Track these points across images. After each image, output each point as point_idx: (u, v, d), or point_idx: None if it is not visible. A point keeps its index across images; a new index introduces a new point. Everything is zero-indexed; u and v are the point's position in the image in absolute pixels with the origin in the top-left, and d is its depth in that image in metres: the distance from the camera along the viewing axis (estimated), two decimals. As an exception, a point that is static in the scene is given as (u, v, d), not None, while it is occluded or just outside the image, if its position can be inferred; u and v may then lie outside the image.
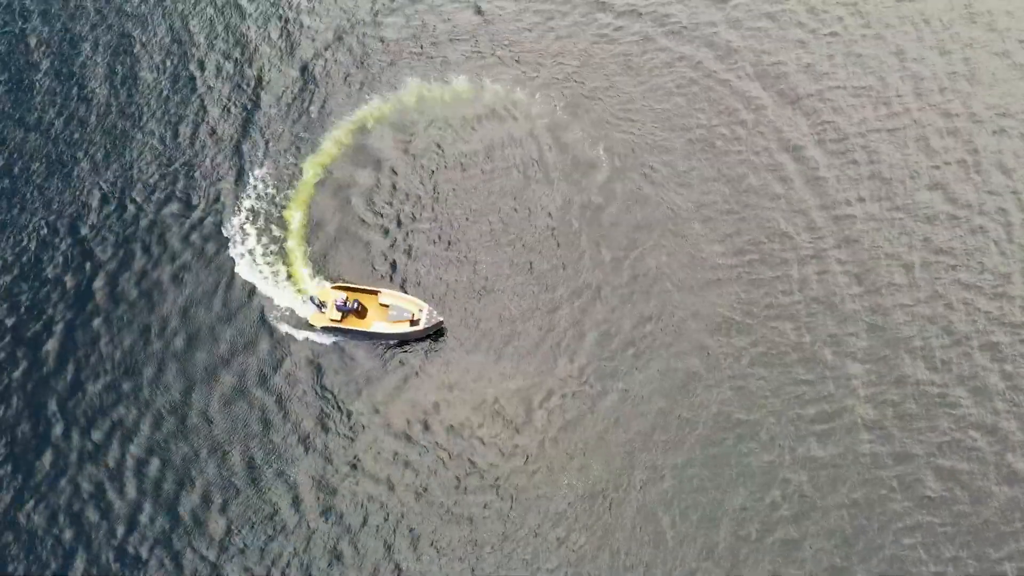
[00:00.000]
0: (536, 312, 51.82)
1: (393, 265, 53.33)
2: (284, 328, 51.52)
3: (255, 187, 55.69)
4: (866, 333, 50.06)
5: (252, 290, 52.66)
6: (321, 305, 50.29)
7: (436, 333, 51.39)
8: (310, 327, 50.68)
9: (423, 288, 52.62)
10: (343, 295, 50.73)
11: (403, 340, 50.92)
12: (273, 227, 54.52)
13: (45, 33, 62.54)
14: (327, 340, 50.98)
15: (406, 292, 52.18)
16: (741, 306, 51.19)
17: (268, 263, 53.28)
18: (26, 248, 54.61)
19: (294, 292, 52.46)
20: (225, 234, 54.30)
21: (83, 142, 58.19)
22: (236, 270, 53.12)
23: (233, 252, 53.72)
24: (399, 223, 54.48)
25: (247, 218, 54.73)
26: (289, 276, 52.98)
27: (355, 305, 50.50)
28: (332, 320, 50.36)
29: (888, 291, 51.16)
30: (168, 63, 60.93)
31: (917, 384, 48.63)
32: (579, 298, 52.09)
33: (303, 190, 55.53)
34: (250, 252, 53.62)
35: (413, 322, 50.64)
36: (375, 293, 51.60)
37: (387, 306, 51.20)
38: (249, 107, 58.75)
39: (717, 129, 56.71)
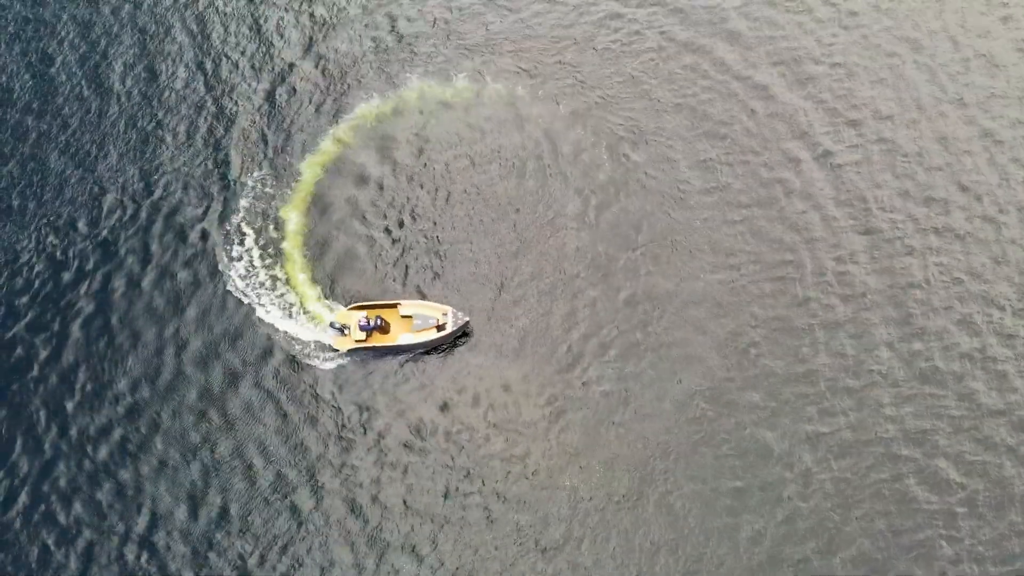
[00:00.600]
0: (547, 314, 50.04)
1: (397, 267, 51.43)
2: (278, 335, 49.90)
3: (254, 188, 53.49)
4: (884, 333, 48.54)
5: (244, 298, 50.95)
6: (343, 328, 48.88)
7: (462, 333, 49.63)
8: (333, 352, 49.10)
9: (431, 293, 50.73)
10: (362, 314, 49.02)
11: (432, 347, 49.39)
12: (270, 228, 52.47)
13: (60, 30, 60.16)
14: (337, 352, 49.29)
15: (424, 299, 50.46)
16: (757, 307, 49.50)
17: (265, 266, 51.40)
18: (32, 246, 52.94)
19: (293, 297, 50.68)
20: (222, 237, 52.42)
21: (82, 137, 56.21)
22: (230, 276, 51.26)
23: (230, 255, 51.87)
24: (401, 224, 52.28)
25: (244, 219, 52.67)
26: (287, 281, 51.15)
27: (378, 322, 48.94)
28: (357, 341, 48.76)
29: (905, 286, 49.63)
30: (172, 58, 58.53)
31: (935, 385, 47.31)
32: (589, 300, 50.31)
33: (302, 190, 53.28)
34: (247, 254, 51.77)
35: (439, 327, 48.87)
36: (394, 306, 49.78)
37: (410, 316, 49.46)
38: (250, 105, 56.41)
39: (729, 125, 54.37)
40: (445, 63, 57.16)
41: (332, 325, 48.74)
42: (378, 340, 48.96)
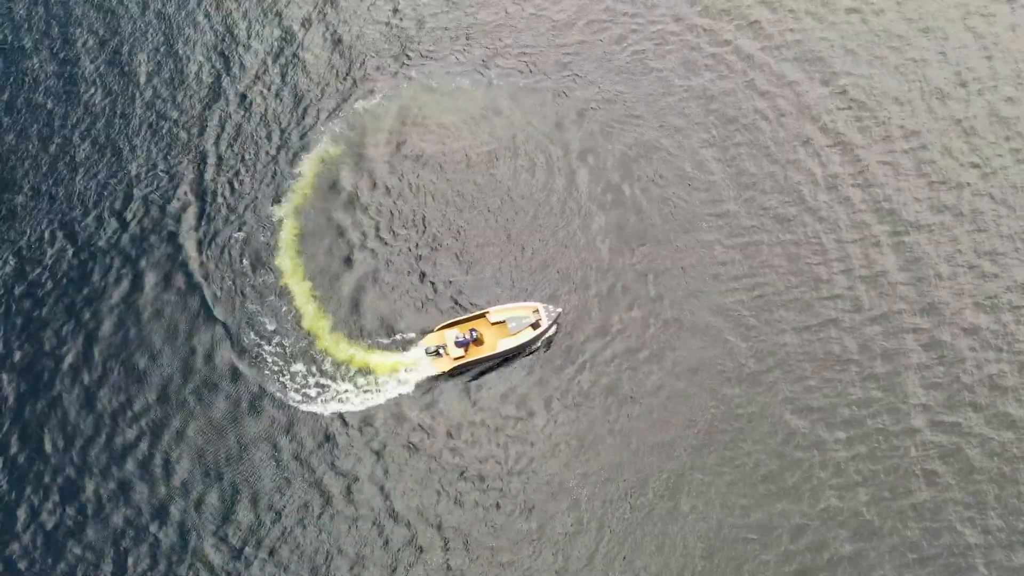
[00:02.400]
0: (562, 318, 48.08)
1: (414, 275, 49.29)
2: (255, 336, 47.61)
3: (251, 187, 51.47)
4: (912, 333, 46.83)
5: (231, 305, 48.70)
6: (439, 350, 46.64)
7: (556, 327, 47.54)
8: (434, 380, 46.32)
9: (443, 298, 48.84)
10: (454, 331, 46.78)
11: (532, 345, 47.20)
12: (265, 231, 50.34)
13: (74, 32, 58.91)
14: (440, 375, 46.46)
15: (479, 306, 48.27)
16: (779, 307, 47.78)
17: (259, 273, 49.05)
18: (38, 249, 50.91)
19: (289, 304, 48.37)
20: (215, 242, 50.28)
21: (72, 133, 54.51)
22: (221, 284, 49.10)
23: (220, 262, 49.74)
24: (403, 227, 50.44)
25: (239, 225, 50.47)
26: (288, 293, 48.61)
27: (472, 335, 46.42)
28: (456, 359, 45.95)
29: (934, 285, 47.99)
30: (162, 54, 57.09)
31: (973, 391, 45.25)
32: (603, 300, 48.36)
33: (300, 191, 51.45)
34: (242, 259, 49.56)
35: (535, 325, 46.69)
36: (482, 315, 47.37)
37: (502, 322, 47.25)
38: (247, 102, 54.76)
39: (746, 122, 53.21)
40: (447, 60, 56.21)
41: (427, 351, 46.38)
42: (478, 352, 46.39)
